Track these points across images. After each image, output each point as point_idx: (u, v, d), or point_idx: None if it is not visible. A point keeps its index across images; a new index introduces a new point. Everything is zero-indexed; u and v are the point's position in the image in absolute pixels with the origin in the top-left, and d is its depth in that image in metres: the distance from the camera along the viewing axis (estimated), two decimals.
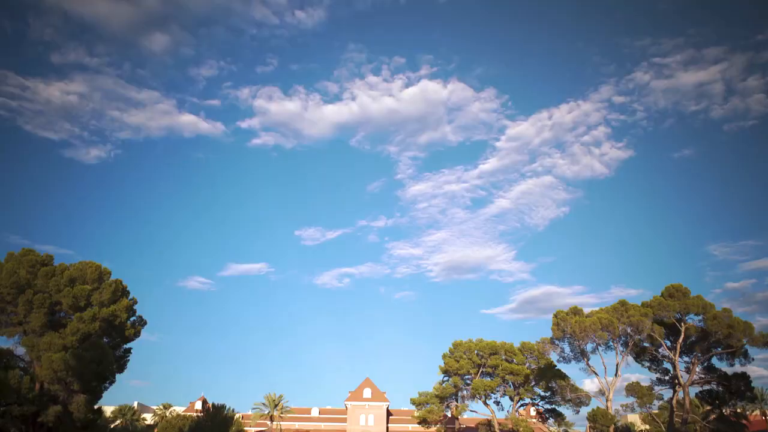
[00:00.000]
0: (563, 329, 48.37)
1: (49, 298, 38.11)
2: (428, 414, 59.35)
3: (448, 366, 60.16)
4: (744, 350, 46.55)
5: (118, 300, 41.90)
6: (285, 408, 69.78)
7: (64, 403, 36.19)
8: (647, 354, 50.97)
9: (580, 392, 51.63)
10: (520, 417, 59.97)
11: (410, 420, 72.14)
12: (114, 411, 75.96)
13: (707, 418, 49.02)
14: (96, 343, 37.19)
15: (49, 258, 41.01)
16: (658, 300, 47.71)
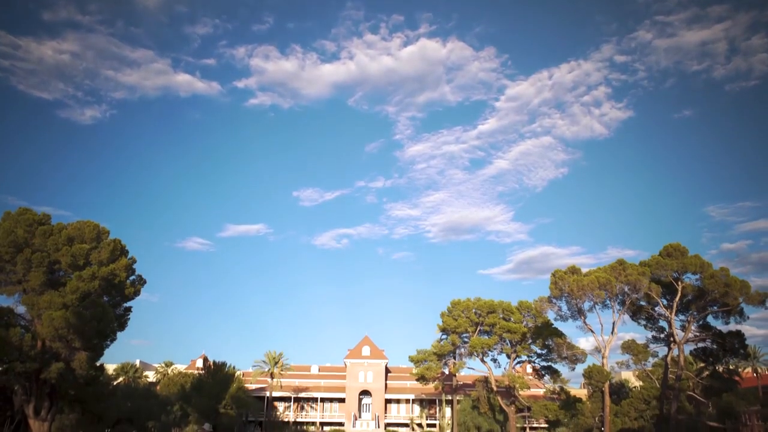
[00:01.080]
0: (561, 288, 48.61)
1: (47, 257, 38.11)
2: (426, 371, 60.25)
3: (446, 324, 60.80)
4: (740, 309, 46.94)
5: (117, 259, 41.94)
6: (285, 365, 70.80)
7: (67, 360, 36.59)
8: (643, 312, 51.45)
9: (576, 350, 52.28)
10: (517, 374, 60.93)
11: (408, 377, 73.33)
12: (116, 369, 77.08)
13: (700, 375, 49.86)
14: (96, 301, 37.35)
15: (47, 217, 40.85)
16: (656, 259, 47.86)
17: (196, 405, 52.42)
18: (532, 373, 68.02)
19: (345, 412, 74.17)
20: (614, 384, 56.88)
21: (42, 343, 37.06)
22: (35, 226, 39.26)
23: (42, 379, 36.94)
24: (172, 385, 61.32)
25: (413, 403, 77.41)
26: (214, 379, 57.48)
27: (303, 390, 76.00)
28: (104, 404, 41.84)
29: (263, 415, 69.31)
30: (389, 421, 74.76)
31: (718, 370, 50.74)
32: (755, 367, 72.75)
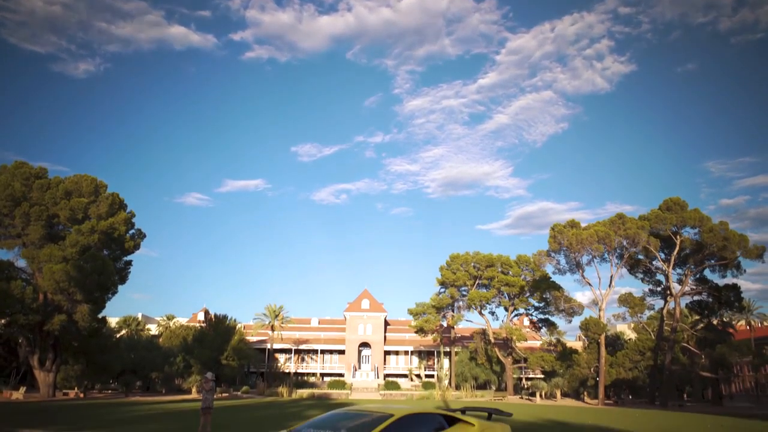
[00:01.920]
0: (560, 242, 48.77)
1: (45, 210, 38.02)
2: (425, 323, 61.06)
3: (445, 278, 61.30)
4: (737, 263, 47.26)
5: (116, 213, 41.88)
6: (285, 318, 71.62)
7: (69, 313, 36.93)
8: (641, 266, 51.83)
9: (573, 302, 52.80)
10: (514, 326, 61.77)
11: (407, 329, 74.38)
12: (119, 322, 77.95)
13: (695, 327, 50.58)
14: (96, 254, 37.44)
15: (43, 171, 40.58)
16: (655, 213, 47.91)
17: (199, 356, 53.22)
18: (529, 326, 68.99)
19: (345, 363, 75.50)
20: (610, 336, 57.73)
21: (44, 296, 37.35)
22: (32, 180, 39.03)
23: (45, 331, 37.38)
24: (174, 338, 62.14)
25: (412, 354, 78.76)
26: (215, 331, 58.21)
27: (303, 342, 77.18)
28: (108, 356, 42.43)
29: (264, 367, 70.56)
30: (388, 372, 76.21)
31: (712, 322, 51.49)
32: (749, 320, 73.79)
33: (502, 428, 8.85)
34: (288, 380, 62.91)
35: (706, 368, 49.85)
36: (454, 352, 67.64)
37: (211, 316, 62.91)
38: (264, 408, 27.35)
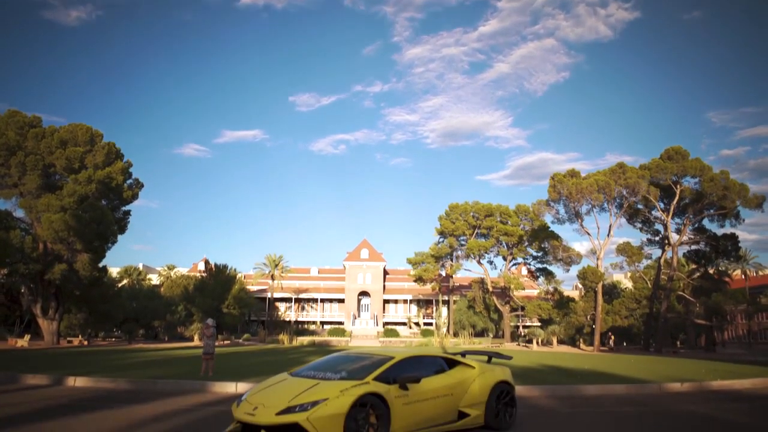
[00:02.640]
0: (559, 191, 48.67)
1: (41, 160, 37.64)
2: (424, 272, 61.59)
3: (444, 227, 61.45)
4: (736, 212, 47.32)
5: (113, 162, 41.50)
6: (285, 268, 72.19)
7: (69, 262, 37.07)
8: (640, 216, 51.90)
9: (571, 251, 53.13)
10: (512, 275, 62.36)
11: (406, 279, 75.14)
12: (120, 272, 78.51)
13: (692, 276, 51.05)
14: (94, 204, 37.28)
15: (37, 119, 39.95)
16: (656, 162, 47.61)
17: (200, 305, 53.88)
18: (527, 275, 69.65)
19: (345, 311, 76.58)
20: (606, 285, 58.34)
21: (43, 245, 37.39)
22: (26, 129, 38.47)
23: (46, 281, 37.59)
24: (176, 287, 62.76)
25: (410, 303, 79.82)
26: (216, 280, 58.71)
27: (303, 291, 78.07)
28: (110, 304, 42.84)
29: (265, 315, 71.59)
30: (387, 320, 77.39)
31: (709, 271, 51.95)
32: (744, 270, 74.59)
33: (501, 371, 8.89)
34: (288, 328, 63.88)
35: (701, 316, 50.61)
36: (452, 301, 68.50)
37: (211, 266, 63.30)
38: (265, 354, 27.76)
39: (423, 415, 7.44)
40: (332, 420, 6.45)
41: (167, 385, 13.43)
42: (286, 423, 6.46)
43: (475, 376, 8.31)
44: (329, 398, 6.61)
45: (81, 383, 13.66)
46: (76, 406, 10.29)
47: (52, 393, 12.24)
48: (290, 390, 7.05)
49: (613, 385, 14.58)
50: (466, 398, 8.07)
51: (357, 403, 6.65)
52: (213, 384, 13.29)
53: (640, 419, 10.07)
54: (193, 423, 8.82)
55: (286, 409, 6.55)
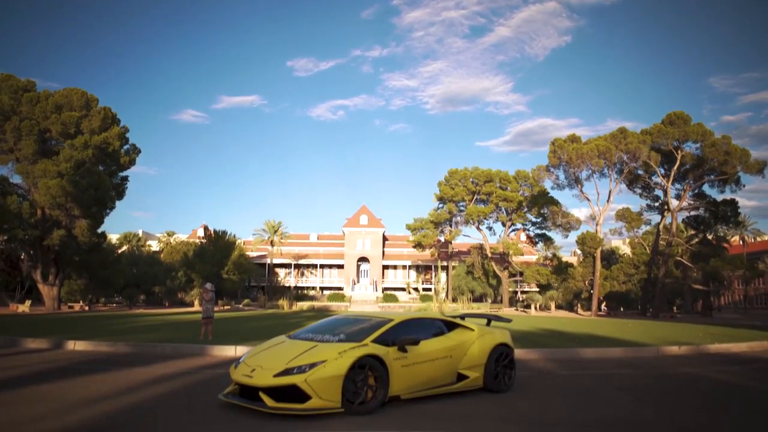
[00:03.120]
0: (559, 156, 48.36)
1: (37, 125, 37.25)
2: (423, 238, 61.69)
3: (443, 193, 61.29)
4: (737, 177, 47.16)
5: (109, 128, 41.08)
6: (284, 234, 72.27)
7: (68, 228, 37.00)
8: (640, 181, 51.71)
9: (570, 217, 53.08)
10: (511, 241, 62.48)
11: (405, 245, 75.32)
12: (119, 238, 78.60)
13: (690, 242, 51.14)
14: (91, 169, 37.05)
15: (31, 83, 39.38)
16: (657, 127, 47.20)
17: (200, 271, 54.00)
18: (526, 241, 69.83)
19: (344, 277, 76.99)
20: (605, 251, 58.47)
21: (41, 211, 37.28)
22: (20, 93, 37.96)
23: (45, 246, 37.62)
24: (175, 253, 62.87)
25: (410, 269, 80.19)
26: (215, 246, 58.77)
27: (303, 257, 78.31)
28: (110, 270, 42.96)
29: (265, 281, 71.96)
30: (386, 286, 77.85)
31: (707, 237, 52.07)
32: (743, 236, 74.73)
33: (501, 333, 8.85)
34: (288, 294, 64.31)
35: (699, 281, 50.86)
36: (451, 267, 68.79)
37: (210, 232, 63.34)
38: (265, 319, 27.94)
39: (422, 377, 7.42)
40: (330, 382, 6.42)
41: (166, 348, 13.46)
42: (284, 385, 6.44)
43: (475, 339, 8.28)
44: (327, 360, 6.57)
45: (80, 347, 13.69)
46: (74, 369, 10.30)
47: (52, 356, 12.26)
48: (288, 352, 7.01)
49: (611, 349, 14.65)
50: (465, 360, 8.05)
51: (355, 365, 6.62)
52: (212, 347, 13.32)
53: (639, 381, 10.10)
54: (191, 385, 8.82)
55: (284, 371, 6.52)
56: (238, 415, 6.54)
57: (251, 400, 6.64)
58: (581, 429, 6.10)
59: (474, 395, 8.09)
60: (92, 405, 7.03)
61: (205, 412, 6.80)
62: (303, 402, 6.35)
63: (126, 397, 7.67)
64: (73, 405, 6.98)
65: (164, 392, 8.13)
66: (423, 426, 6.02)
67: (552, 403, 7.85)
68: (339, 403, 6.46)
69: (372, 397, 6.76)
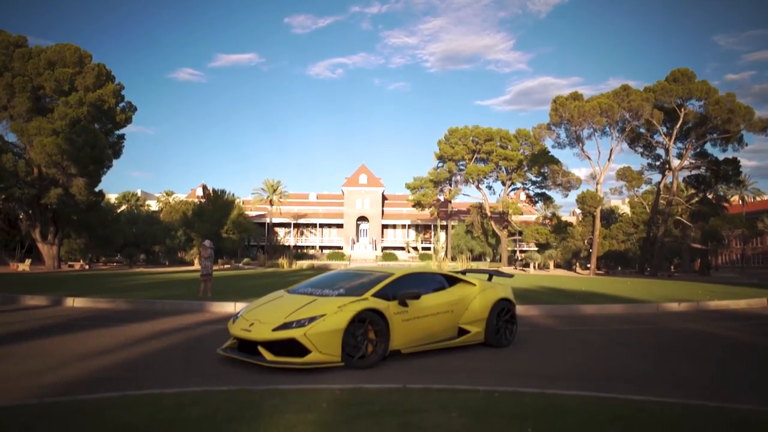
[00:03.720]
0: (561, 115, 47.73)
1: (30, 81, 36.59)
2: (422, 197, 61.49)
3: (443, 152, 60.79)
4: (740, 136, 46.70)
5: (104, 85, 40.38)
6: (283, 193, 72.03)
7: (65, 186, 36.73)
8: (642, 140, 51.22)
9: (570, 176, 52.75)
10: (511, 200, 62.32)
11: (404, 204, 75.18)
12: (118, 197, 78.47)
13: (690, 201, 51.01)
14: (87, 127, 36.57)
15: (23, 39, 38.49)
16: (661, 84, 46.46)
17: (199, 230, 53.97)
18: (525, 200, 69.68)
19: (343, 237, 77.11)
20: (604, 210, 58.38)
21: (38, 170, 36.94)
22: (12, 49, 37.14)
23: (43, 205, 37.42)
24: (174, 213, 62.78)
25: (409, 228, 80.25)
26: (214, 205, 58.63)
27: (302, 216, 78.26)
28: (109, 229, 42.88)
29: (265, 240, 72.08)
30: (386, 245, 78.05)
31: (707, 196, 51.91)
32: (742, 195, 74.59)
33: (503, 288, 8.77)
34: (288, 253, 64.49)
35: (697, 240, 50.95)
36: (450, 226, 68.82)
37: (209, 191, 63.08)
38: (264, 277, 28.00)
39: (423, 332, 7.35)
40: (330, 336, 6.33)
41: (165, 305, 13.43)
42: (282, 339, 6.36)
43: (476, 294, 8.19)
44: (327, 314, 6.47)
45: (80, 304, 13.67)
46: (73, 325, 10.26)
47: (50, 313, 12.23)
48: (287, 306, 6.92)
49: (611, 305, 14.64)
50: (467, 315, 7.97)
51: (355, 318, 6.53)
52: (211, 304, 13.29)
53: (639, 336, 10.08)
54: (190, 340, 8.78)
55: (283, 325, 6.43)
56: (236, 369, 6.48)
57: (250, 354, 6.57)
58: (582, 382, 6.04)
59: (475, 350, 8.05)
60: (90, 359, 6.97)
61: (204, 366, 6.75)
62: (302, 356, 6.29)
63: (124, 351, 7.61)
64: (70, 359, 6.92)
65: (163, 347, 8.08)
66: (424, 380, 5.96)
67: (553, 357, 7.81)
68: (339, 357, 6.39)
69: (372, 351, 6.70)
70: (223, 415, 4.27)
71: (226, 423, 4.08)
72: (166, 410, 4.40)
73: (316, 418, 4.24)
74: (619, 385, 5.94)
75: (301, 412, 4.37)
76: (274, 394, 5.00)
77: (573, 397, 5.13)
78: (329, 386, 5.40)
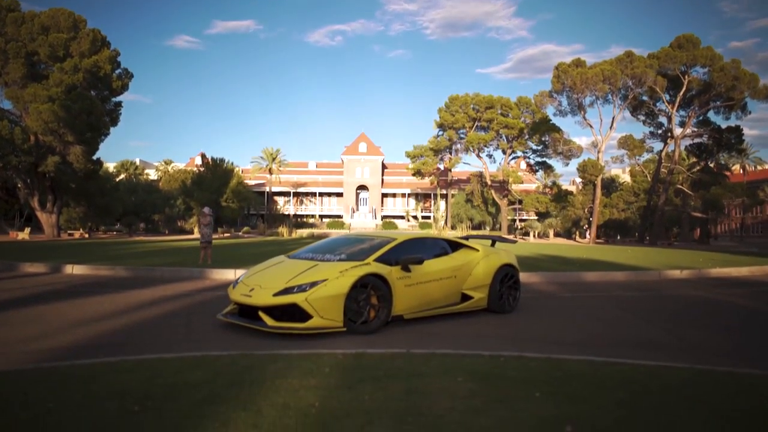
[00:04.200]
0: (563, 81, 47.11)
1: (23, 47, 35.92)
2: (422, 166, 61.15)
3: (443, 120, 60.23)
4: (743, 103, 46.20)
5: (99, 51, 39.65)
6: (283, 162, 71.65)
7: (62, 154, 36.41)
8: (644, 108, 50.67)
9: (572, 144, 52.41)
10: (511, 169, 62.02)
11: (404, 173, 74.88)
12: (116, 166, 78.01)
13: (692, 170, 50.73)
14: (83, 94, 36.05)
15: (15, 3, 37.62)
16: (665, 51, 45.72)
17: (198, 199, 53.80)
18: (526, 169, 69.34)
19: (343, 205, 76.97)
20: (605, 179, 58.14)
21: (35, 137, 36.55)
22: (4, 13, 36.36)
23: (41, 173, 37.15)
24: (173, 182, 62.53)
25: (409, 197, 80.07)
26: (213, 174, 58.39)
27: (301, 185, 77.96)
28: (108, 198, 42.70)
29: (264, 209, 71.97)
30: (386, 214, 77.94)
31: (709, 165, 51.61)
32: (743, 164, 74.23)
33: (506, 254, 8.65)
34: (288, 221, 64.42)
35: (698, 209, 50.87)
36: (450, 195, 68.66)
37: (208, 160, 62.67)
38: (264, 245, 27.93)
39: (425, 297, 7.25)
40: (332, 301, 6.23)
41: (165, 272, 13.36)
42: (283, 304, 6.25)
43: (479, 259, 8.07)
44: (329, 279, 6.36)
45: (79, 271, 13.57)
46: (71, 292, 10.17)
47: (49, 280, 12.15)
48: (288, 271, 6.80)
49: (613, 272, 14.57)
50: (470, 281, 7.86)
51: (357, 284, 6.41)
52: (211, 271, 13.21)
53: (643, 302, 10.01)
54: (190, 306, 8.69)
55: (284, 290, 6.32)
56: (237, 334, 6.39)
57: (251, 320, 6.48)
58: (589, 348, 5.96)
59: (478, 316, 7.97)
60: (88, 325, 6.88)
61: (204, 331, 6.66)
62: (304, 321, 6.19)
63: (123, 317, 7.52)
64: (69, 326, 6.83)
65: (162, 313, 7.99)
66: (428, 345, 5.87)
67: (557, 323, 7.73)
68: (341, 322, 6.30)
69: (374, 316, 6.60)
70: (224, 380, 4.17)
71: (226, 388, 3.98)
72: (164, 375, 4.30)
73: (319, 383, 4.14)
74: (626, 351, 5.85)
75: (303, 377, 4.28)
76: (275, 359, 4.91)
77: (580, 362, 5.04)
78: (331, 351, 5.31)
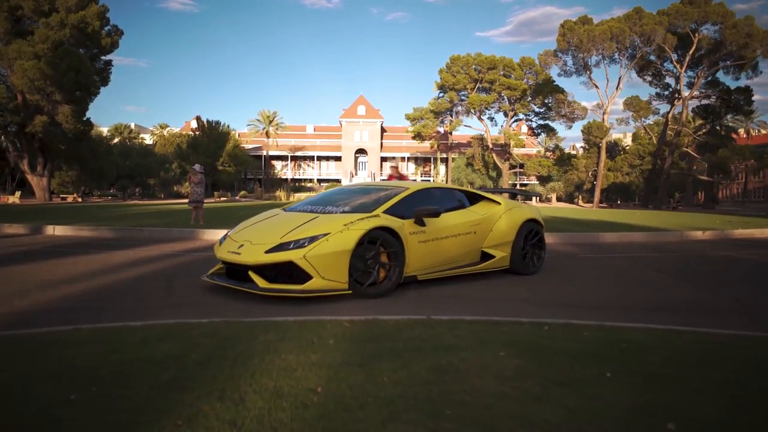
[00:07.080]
0: (569, 40, 45.54)
1: (6, 1, 34.34)
2: (422, 129, 59.72)
3: (444, 81, 58.56)
4: (755, 63, 44.78)
5: (87, 6, 37.96)
6: (280, 125, 70.14)
7: (50, 114, 35.11)
8: (651, 68, 49.20)
9: (575, 105, 51.01)
10: (513, 132, 60.67)
11: (404, 136, 73.43)
12: (110, 129, 76.42)
13: (698, 132, 49.54)
14: (70, 50, 34.57)
15: None
16: (676, 7, 44.08)
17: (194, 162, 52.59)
18: (528, 133, 67.96)
19: (342, 169, 75.71)
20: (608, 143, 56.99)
21: (22, 97, 35.23)
22: None
23: (29, 134, 35.93)
24: (169, 145, 61.24)
25: (408, 161, 78.74)
26: (209, 137, 57.09)
27: (299, 149, 76.52)
28: (102, 161, 41.50)
29: (262, 173, 70.75)
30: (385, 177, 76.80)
31: (716, 127, 50.36)
32: (748, 128, 72.87)
33: (530, 208, 7.71)
34: (285, 185, 63.31)
35: (704, 173, 49.86)
36: (450, 159, 67.46)
37: (203, 123, 61.11)
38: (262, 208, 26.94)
39: (442, 255, 6.31)
40: (335, 258, 5.27)
41: (154, 232, 12.43)
42: (278, 262, 5.30)
43: (501, 213, 7.09)
44: (331, 233, 5.38)
45: (61, 232, 12.62)
46: (47, 252, 9.25)
47: (27, 240, 11.21)
48: (284, 225, 5.82)
49: (631, 233, 13.68)
50: (491, 237, 6.91)
51: (365, 238, 5.44)
52: (203, 231, 12.28)
53: (676, 263, 9.11)
54: (175, 267, 7.77)
55: (278, 246, 5.35)
56: (223, 298, 5.47)
57: (240, 282, 5.53)
58: (636, 313, 5.07)
59: (498, 276, 7.07)
60: (54, 288, 5.95)
61: (186, 294, 5.73)
62: (302, 282, 5.23)
63: (97, 279, 6.60)
64: (30, 288, 5.90)
65: (142, 274, 7.07)
66: (450, 310, 4.96)
67: (587, 286, 6.82)
68: (346, 283, 5.35)
69: (385, 277, 5.66)
70: (198, 355, 3.25)
71: (199, 366, 3.06)
72: (124, 350, 3.37)
73: (322, 359, 3.23)
74: (684, 317, 4.96)
75: (301, 352, 3.36)
76: (267, 328, 3.98)
77: (639, 330, 4.14)
78: (336, 317, 4.39)
